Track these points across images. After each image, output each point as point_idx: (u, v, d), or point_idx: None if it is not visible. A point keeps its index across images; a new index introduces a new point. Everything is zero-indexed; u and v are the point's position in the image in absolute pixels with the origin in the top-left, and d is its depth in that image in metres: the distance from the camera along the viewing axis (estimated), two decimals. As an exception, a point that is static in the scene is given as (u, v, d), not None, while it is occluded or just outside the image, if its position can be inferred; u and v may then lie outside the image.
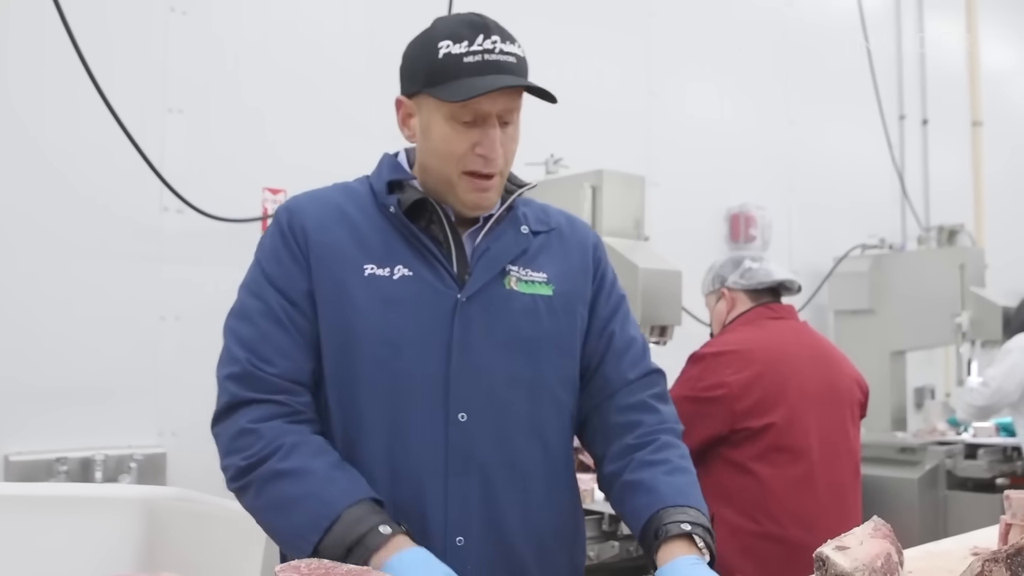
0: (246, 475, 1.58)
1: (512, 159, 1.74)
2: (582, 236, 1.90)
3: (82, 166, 3.38)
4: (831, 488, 2.97)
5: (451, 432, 1.65)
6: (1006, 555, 1.24)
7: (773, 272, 3.22)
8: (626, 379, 1.84)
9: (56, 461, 3.25)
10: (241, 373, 1.63)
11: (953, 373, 5.96)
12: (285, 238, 1.71)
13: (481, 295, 1.70)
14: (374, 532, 1.47)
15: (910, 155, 6.99)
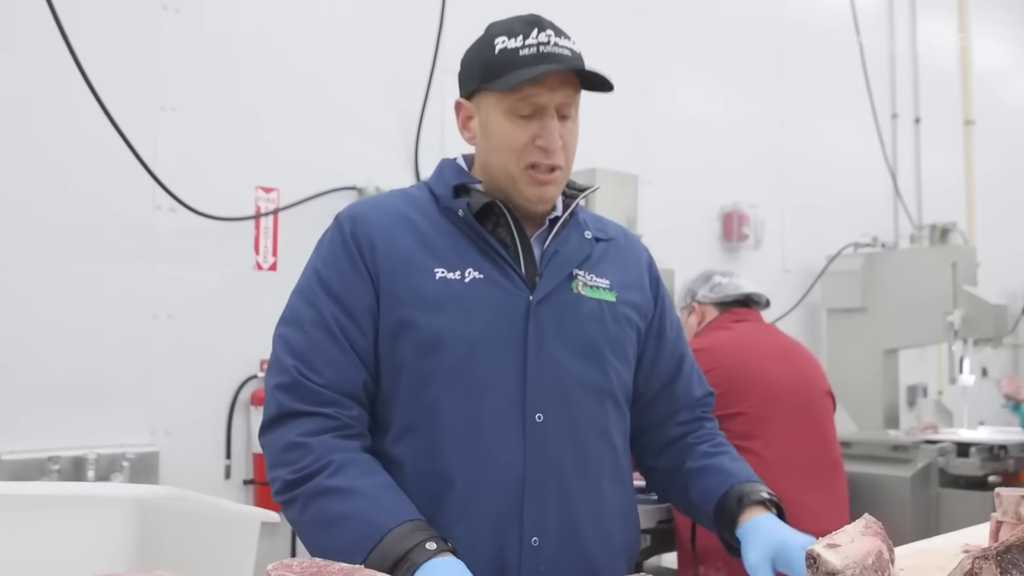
0: (293, 489, 1.58)
1: (573, 154, 1.77)
2: (638, 251, 1.96)
3: (75, 164, 3.38)
4: (806, 475, 3.03)
5: (528, 432, 1.66)
6: (996, 552, 1.24)
7: (741, 286, 3.34)
8: (693, 398, 1.96)
9: (48, 460, 3.25)
10: (290, 383, 1.63)
11: (945, 371, 5.97)
12: (348, 247, 1.71)
13: (552, 297, 1.73)
14: (420, 548, 1.46)
15: (903, 154, 7.01)
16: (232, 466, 3.68)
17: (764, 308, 3.40)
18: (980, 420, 6.23)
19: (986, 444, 4.91)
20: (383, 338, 1.68)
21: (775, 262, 5.96)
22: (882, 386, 5.80)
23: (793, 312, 5.92)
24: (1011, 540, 1.24)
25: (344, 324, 1.66)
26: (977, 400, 6.34)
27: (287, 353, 1.65)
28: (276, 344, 1.69)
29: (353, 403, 1.65)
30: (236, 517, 1.99)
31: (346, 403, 1.64)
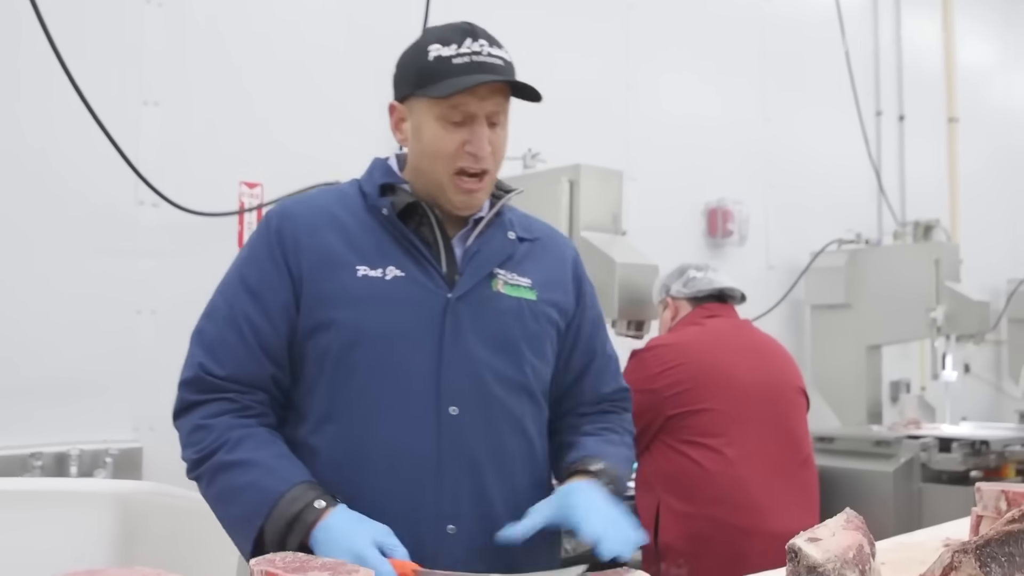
0: (198, 467, 1.70)
1: (501, 161, 1.82)
2: (563, 250, 2.00)
3: (56, 159, 3.35)
4: (774, 473, 3.02)
5: (443, 424, 1.73)
6: (975, 546, 1.25)
7: (714, 281, 3.31)
8: (599, 394, 2.00)
9: (31, 456, 3.23)
10: (192, 378, 1.75)
11: (928, 367, 6.00)
12: (271, 245, 1.77)
13: (471, 295, 1.78)
14: (309, 508, 1.58)
15: (887, 151, 7.03)
16: (216, 462, 3.66)
17: (739, 303, 3.38)
18: (962, 416, 6.26)
19: (968, 439, 4.95)
20: (304, 333, 1.75)
21: (759, 258, 5.97)
22: (865, 382, 5.83)
23: (777, 308, 5.94)
24: (990, 534, 1.25)
25: (255, 321, 1.74)
26: (960, 396, 6.38)
27: (198, 348, 1.77)
28: (192, 340, 1.80)
29: (256, 390, 1.75)
30: (219, 512, 1.98)
31: (247, 390, 1.74)
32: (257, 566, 1.29)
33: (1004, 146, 8.18)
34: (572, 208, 3.34)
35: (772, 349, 3.29)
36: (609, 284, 3.19)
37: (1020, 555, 1.24)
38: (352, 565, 1.30)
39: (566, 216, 3.32)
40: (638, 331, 3.33)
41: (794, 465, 3.10)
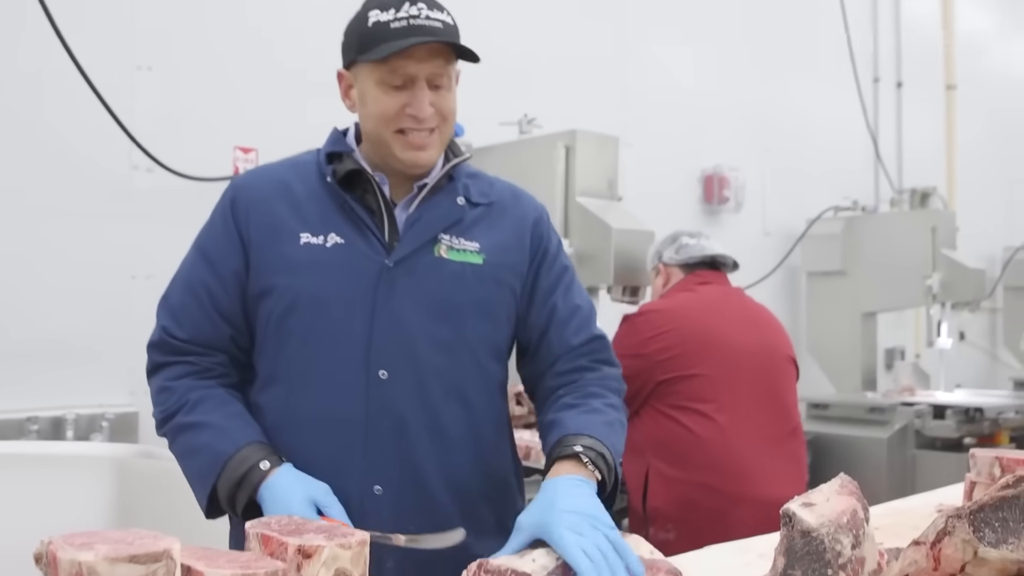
0: (163, 427, 1.81)
1: (451, 120, 1.81)
2: (523, 211, 1.96)
3: (51, 125, 3.34)
4: (763, 440, 3.03)
5: (371, 387, 1.75)
6: (969, 511, 1.26)
7: (706, 248, 3.29)
8: (569, 346, 1.93)
9: (27, 420, 3.24)
10: (158, 341, 1.84)
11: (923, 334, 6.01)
12: (225, 215, 1.85)
13: (408, 261, 1.79)
14: (255, 469, 1.67)
15: (884, 118, 7.01)
16: (212, 427, 3.67)
17: (731, 271, 3.37)
18: (957, 383, 6.29)
19: (962, 407, 4.97)
20: (252, 298, 1.81)
21: (755, 225, 5.97)
22: (860, 349, 5.85)
23: (773, 275, 5.94)
24: (984, 499, 1.25)
25: (212, 287, 1.82)
26: (954, 363, 6.39)
27: (163, 312, 1.86)
28: (158, 305, 1.89)
29: (216, 352, 1.83)
30: (215, 477, 1.98)
31: (207, 352, 1.82)
32: (252, 529, 1.30)
33: (1002, 113, 8.15)
34: (568, 174, 3.33)
35: (763, 317, 3.29)
36: (605, 250, 3.18)
37: (1014, 520, 1.24)
38: (348, 528, 1.30)
39: (562, 182, 3.31)
40: (633, 297, 3.31)
41: (783, 434, 3.11)
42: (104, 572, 1.01)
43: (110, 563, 1.01)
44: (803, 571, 1.29)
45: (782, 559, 1.31)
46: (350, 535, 1.26)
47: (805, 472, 3.15)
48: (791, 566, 1.30)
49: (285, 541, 1.23)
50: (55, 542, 1.07)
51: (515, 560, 1.46)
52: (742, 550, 1.91)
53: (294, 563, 1.21)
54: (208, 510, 1.75)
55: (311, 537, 1.25)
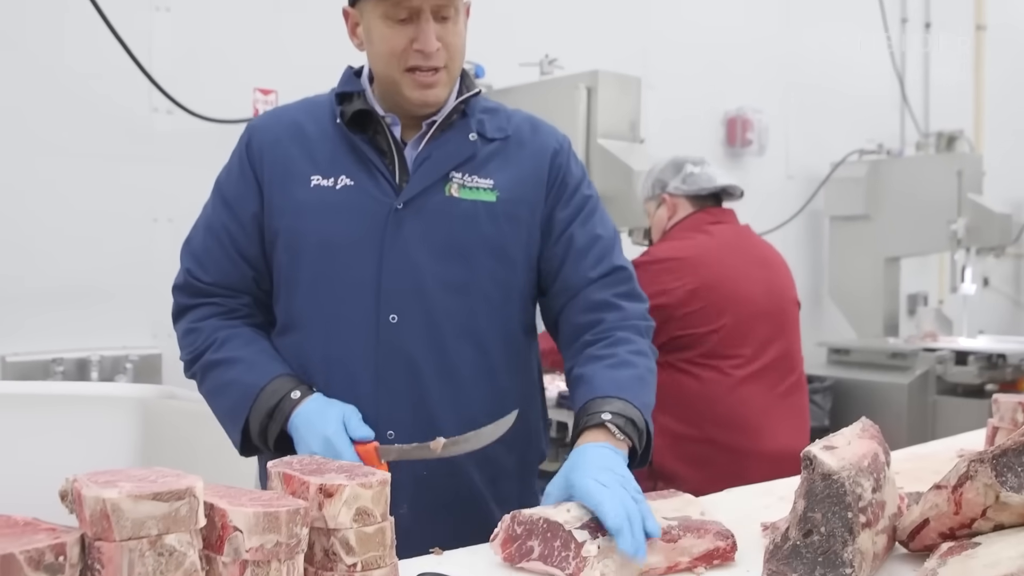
0: (192, 367, 1.82)
1: (460, 55, 1.77)
2: (542, 143, 1.90)
3: (70, 67, 3.33)
4: (772, 392, 2.98)
5: (381, 331, 1.74)
6: (992, 456, 1.25)
7: (715, 177, 3.11)
8: (588, 279, 1.86)
9: (52, 362, 3.27)
10: (183, 284, 1.86)
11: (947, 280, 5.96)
12: (242, 158, 1.84)
13: (418, 201, 1.76)
14: (287, 398, 1.69)
15: (911, 60, 6.89)
16: (234, 369, 3.70)
17: (737, 199, 3.24)
18: (980, 329, 6.24)
19: (984, 353, 4.94)
20: (268, 243, 1.82)
21: (779, 168, 5.91)
22: (883, 294, 5.81)
23: (795, 219, 5.90)
24: (1007, 444, 1.25)
25: (232, 230, 1.82)
26: (978, 309, 6.35)
27: (186, 255, 1.87)
28: (182, 249, 1.90)
29: (240, 293, 1.84)
30: (238, 417, 2.00)
31: (232, 294, 1.83)
32: (274, 468, 1.31)
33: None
34: (589, 115, 3.29)
35: (771, 258, 3.18)
36: (626, 192, 3.15)
37: (1036, 464, 1.23)
38: (368, 468, 1.31)
39: (583, 124, 3.27)
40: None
41: (790, 385, 3.05)
42: (128, 509, 1.02)
43: (134, 500, 1.02)
44: (823, 514, 1.29)
45: (802, 502, 1.31)
46: (371, 474, 1.27)
47: (808, 422, 3.11)
48: (811, 508, 1.30)
49: (307, 480, 1.24)
50: (80, 480, 1.08)
51: (548, 510, 1.46)
52: (764, 493, 1.92)
53: (316, 502, 1.22)
54: (242, 447, 1.76)
55: (332, 476, 1.25)
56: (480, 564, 1.45)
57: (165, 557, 1.03)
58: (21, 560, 0.97)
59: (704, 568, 1.43)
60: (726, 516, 1.56)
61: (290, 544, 1.11)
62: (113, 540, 1.01)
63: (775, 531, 1.35)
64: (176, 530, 1.04)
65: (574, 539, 1.37)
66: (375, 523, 1.24)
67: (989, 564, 1.12)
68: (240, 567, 1.09)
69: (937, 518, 1.34)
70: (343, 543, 1.22)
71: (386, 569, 1.25)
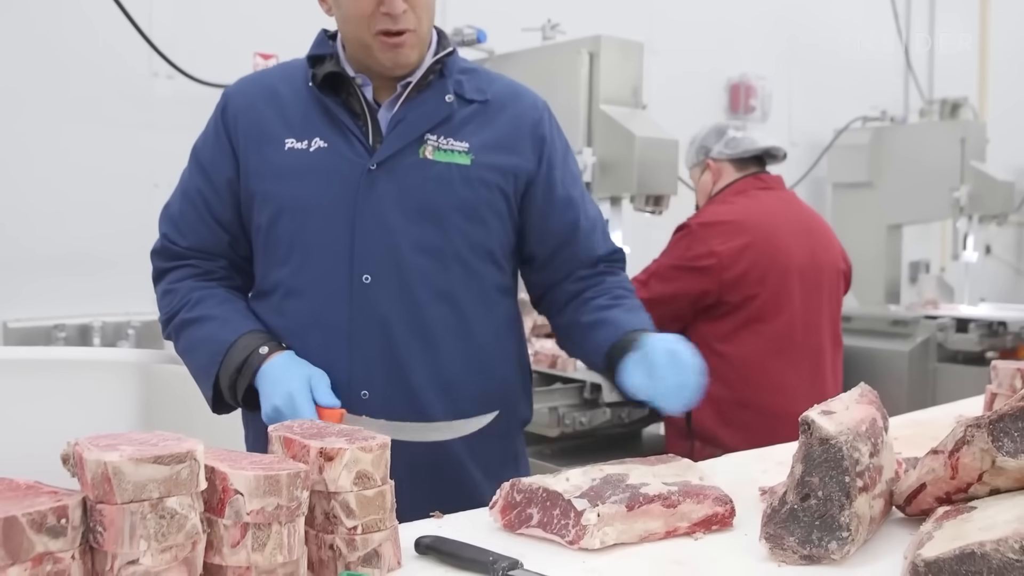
0: (167, 326, 1.85)
1: (428, 15, 1.77)
2: (523, 110, 1.91)
3: (69, 30, 3.31)
4: (810, 359, 3.01)
5: (355, 293, 1.76)
6: (988, 421, 1.26)
7: (758, 140, 3.17)
8: (595, 256, 1.95)
9: (54, 328, 3.28)
10: (160, 248, 1.89)
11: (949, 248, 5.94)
12: (217, 123, 1.87)
13: (391, 163, 1.77)
14: (255, 354, 1.71)
15: (916, 26, 6.84)
16: (236, 335, 3.71)
17: (781, 162, 3.27)
18: (981, 297, 6.24)
19: (985, 320, 4.95)
20: (245, 207, 1.84)
21: (782, 135, 5.86)
22: (885, 261, 5.80)
23: (798, 186, 5.87)
24: (1004, 409, 1.25)
25: (207, 195, 1.84)
26: (979, 277, 6.34)
27: (164, 220, 1.90)
28: (161, 212, 1.93)
29: (215, 257, 1.86)
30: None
31: (208, 256, 1.86)
32: (275, 432, 1.31)
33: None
34: (592, 81, 3.26)
35: (820, 228, 3.22)
36: (628, 159, 3.14)
37: (1033, 430, 1.24)
38: (368, 432, 1.31)
39: (585, 89, 3.25)
40: (656, 206, 3.24)
41: (830, 349, 3.09)
42: (129, 472, 1.03)
43: (135, 463, 1.03)
44: (820, 478, 1.30)
45: (800, 466, 1.32)
46: (371, 438, 1.27)
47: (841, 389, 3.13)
48: (809, 472, 1.31)
49: (307, 444, 1.25)
50: (81, 443, 1.09)
51: (547, 479, 1.47)
52: (762, 458, 1.93)
53: (316, 465, 1.23)
54: (214, 404, 1.79)
55: (333, 440, 1.26)
56: (480, 529, 1.46)
57: (167, 520, 1.04)
58: (24, 523, 0.98)
59: (703, 532, 1.44)
60: (725, 481, 1.57)
61: (291, 507, 1.12)
62: (115, 503, 1.02)
63: (773, 495, 1.36)
64: (177, 493, 1.05)
65: (574, 508, 1.38)
66: (375, 486, 1.25)
67: (984, 527, 1.12)
68: (241, 529, 1.10)
69: (934, 483, 1.34)
70: (343, 506, 1.23)
71: (386, 532, 1.26)
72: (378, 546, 1.24)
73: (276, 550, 1.11)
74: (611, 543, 1.37)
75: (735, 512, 1.47)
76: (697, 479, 1.53)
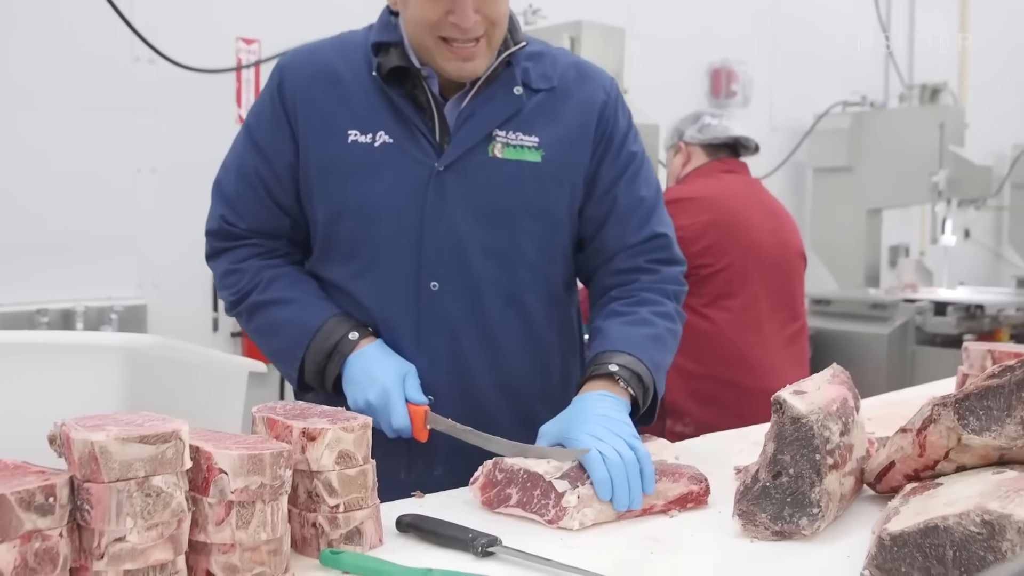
0: (237, 307, 1.80)
1: (502, 20, 1.66)
2: (590, 94, 1.80)
3: (50, 16, 3.30)
4: (777, 335, 3.09)
5: (423, 299, 1.71)
6: (955, 400, 1.29)
7: (730, 128, 3.25)
8: (626, 243, 1.82)
9: (37, 312, 3.29)
10: (217, 230, 1.82)
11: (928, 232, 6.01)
12: (274, 100, 1.75)
13: (460, 164, 1.70)
14: (344, 339, 1.69)
15: (896, 11, 6.88)
16: (219, 319, 3.73)
17: (753, 153, 3.34)
18: (960, 280, 6.31)
19: (963, 303, 5.00)
20: (303, 195, 1.77)
21: (762, 120, 5.91)
22: (865, 246, 5.85)
23: (779, 171, 5.91)
24: (969, 388, 1.28)
25: (265, 178, 1.76)
26: (959, 261, 6.40)
27: (219, 200, 1.82)
28: (212, 190, 1.84)
29: (276, 239, 1.81)
30: (224, 367, 2.03)
31: (270, 237, 1.80)
32: (259, 413, 1.34)
33: (1019, 8, 7.97)
34: (573, 67, 3.29)
35: (779, 211, 3.31)
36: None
37: (997, 409, 1.27)
38: (349, 412, 1.34)
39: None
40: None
41: (793, 331, 3.17)
42: (115, 452, 1.05)
43: (121, 443, 1.05)
44: (792, 456, 1.33)
45: (772, 444, 1.36)
46: (352, 419, 1.30)
47: (808, 369, 3.20)
48: (780, 451, 1.34)
49: (290, 424, 1.27)
50: (68, 423, 1.11)
51: (530, 460, 1.49)
52: (739, 438, 1.96)
53: (299, 445, 1.25)
54: (298, 384, 1.75)
55: (315, 420, 1.29)
56: (460, 507, 1.49)
57: (152, 498, 1.06)
58: (13, 501, 1.00)
59: (678, 510, 1.48)
60: (701, 461, 1.60)
61: (274, 486, 1.15)
62: (101, 481, 1.05)
63: (746, 473, 1.39)
64: (163, 472, 1.07)
65: (554, 489, 1.41)
66: (357, 466, 1.27)
67: (948, 502, 1.16)
68: (226, 508, 1.13)
69: (903, 460, 1.38)
70: (326, 485, 1.25)
71: (368, 510, 1.29)
72: (360, 524, 1.27)
73: (260, 528, 1.14)
74: (590, 524, 1.40)
75: (710, 490, 1.50)
76: (673, 458, 1.56)
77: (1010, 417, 1.26)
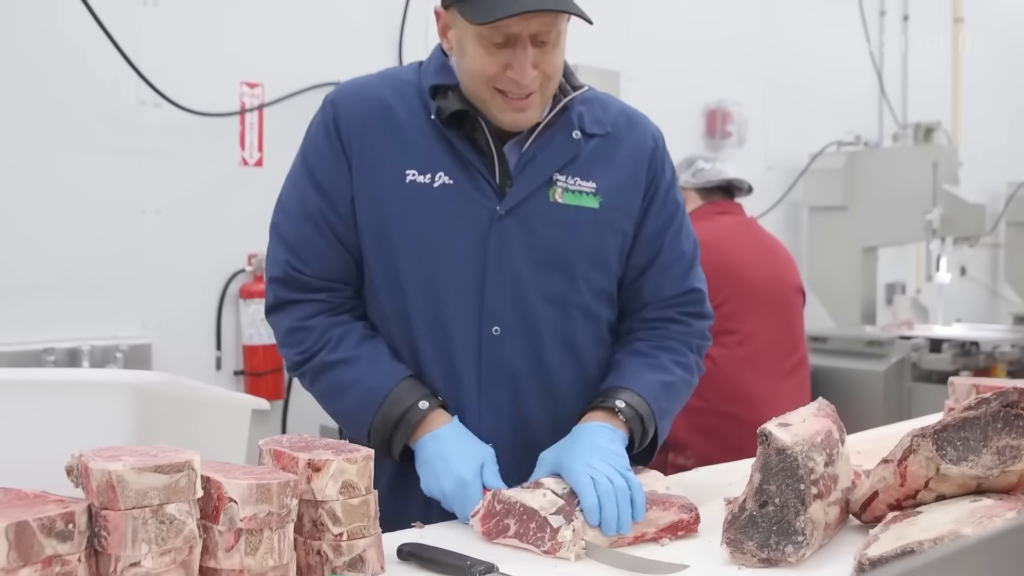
0: (301, 367, 1.75)
1: (557, 73, 1.68)
2: (640, 141, 1.83)
3: (58, 60, 3.38)
4: (776, 368, 3.15)
5: (484, 345, 1.71)
6: (933, 431, 1.35)
7: (723, 171, 3.33)
8: (662, 296, 1.85)
9: (43, 351, 3.33)
10: (283, 276, 1.74)
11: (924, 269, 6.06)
12: (331, 137, 1.72)
13: (521, 208, 1.70)
14: (414, 408, 1.65)
15: (890, 52, 6.99)
16: (223, 357, 3.78)
17: (746, 195, 3.42)
18: (957, 318, 6.36)
19: (958, 340, 5.05)
20: (360, 233, 1.73)
21: (758, 160, 6.00)
22: (860, 283, 5.91)
23: (775, 209, 5.99)
24: (947, 420, 1.34)
25: (329, 217, 1.71)
26: (955, 298, 6.46)
27: (280, 246, 1.75)
28: (271, 233, 1.78)
29: (344, 286, 1.76)
30: (229, 404, 2.07)
31: (336, 287, 1.75)
32: (266, 446, 1.39)
33: (1010, 47, 8.10)
34: (570, 110, 3.37)
35: (776, 248, 3.37)
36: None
37: (974, 439, 1.33)
38: (352, 444, 1.39)
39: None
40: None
41: (793, 365, 3.22)
42: (131, 480, 1.10)
43: (137, 472, 1.11)
44: (777, 486, 1.38)
45: (758, 475, 1.41)
46: (356, 450, 1.35)
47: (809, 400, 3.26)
48: (766, 481, 1.39)
49: (296, 456, 1.33)
50: (86, 455, 1.17)
51: (526, 494, 1.54)
52: (730, 471, 2.01)
53: (304, 476, 1.31)
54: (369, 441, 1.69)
55: (320, 452, 1.34)
56: (459, 538, 1.53)
57: (166, 525, 1.12)
58: (35, 527, 1.06)
59: (669, 539, 1.53)
60: (692, 492, 1.65)
61: (281, 514, 1.20)
62: (118, 509, 1.10)
63: (734, 503, 1.44)
64: (176, 500, 1.13)
65: (549, 524, 1.46)
66: (360, 495, 1.33)
67: (925, 529, 1.21)
68: (235, 535, 1.18)
69: (885, 490, 1.43)
70: (330, 514, 1.30)
71: (370, 539, 1.34)
72: (362, 552, 1.32)
73: (267, 554, 1.19)
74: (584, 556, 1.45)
75: (699, 519, 1.55)
76: (663, 488, 1.61)
77: (986, 447, 1.32)
